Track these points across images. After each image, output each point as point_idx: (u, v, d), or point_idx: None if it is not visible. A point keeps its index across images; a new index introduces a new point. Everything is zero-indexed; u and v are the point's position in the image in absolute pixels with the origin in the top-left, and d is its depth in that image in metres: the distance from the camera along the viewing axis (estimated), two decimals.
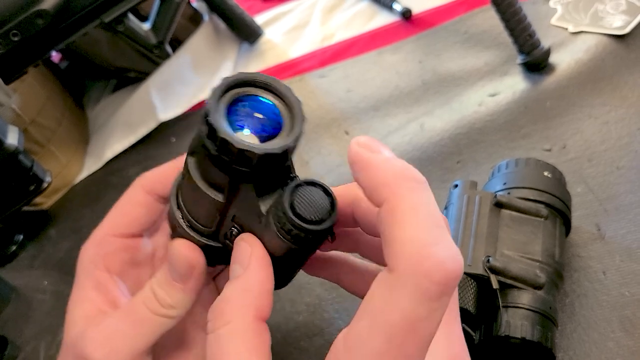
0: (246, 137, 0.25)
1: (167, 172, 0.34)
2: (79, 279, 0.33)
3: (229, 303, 0.26)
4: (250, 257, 0.26)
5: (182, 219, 0.30)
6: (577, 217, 0.44)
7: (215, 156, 0.24)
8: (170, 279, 0.30)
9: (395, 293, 0.21)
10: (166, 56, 0.71)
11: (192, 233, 0.30)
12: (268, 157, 0.24)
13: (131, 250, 0.34)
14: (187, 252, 0.30)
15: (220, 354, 0.25)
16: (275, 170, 0.26)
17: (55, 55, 0.86)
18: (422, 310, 0.21)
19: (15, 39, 0.50)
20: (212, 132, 0.23)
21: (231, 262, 0.27)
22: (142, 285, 0.31)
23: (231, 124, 0.25)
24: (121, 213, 0.34)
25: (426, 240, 0.22)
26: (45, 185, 0.54)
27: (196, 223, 0.29)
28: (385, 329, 0.21)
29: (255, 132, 0.25)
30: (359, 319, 0.22)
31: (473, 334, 0.36)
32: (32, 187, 0.53)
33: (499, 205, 0.40)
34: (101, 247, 0.33)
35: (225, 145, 0.23)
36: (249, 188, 0.26)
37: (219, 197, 0.27)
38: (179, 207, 0.30)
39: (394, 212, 0.23)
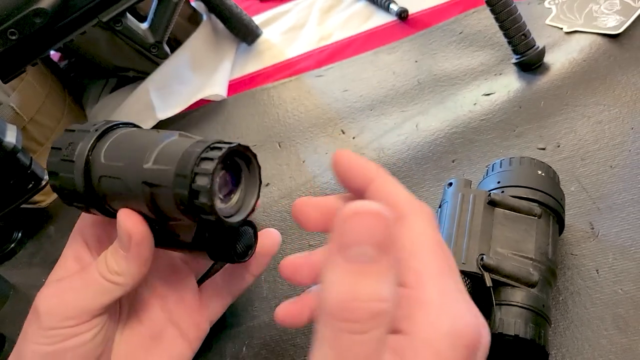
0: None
1: None
2: (65, 250, 0.35)
3: (385, 302, 0.22)
4: (390, 239, 0.23)
5: None
6: (570, 215, 0.44)
7: (192, 209, 0.29)
8: (118, 247, 0.32)
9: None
10: (164, 56, 0.72)
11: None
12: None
13: (103, 225, 0.36)
14: (127, 221, 0.31)
15: None
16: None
17: (54, 54, 0.86)
18: None
19: (13, 37, 0.50)
20: (211, 208, 0.28)
21: (356, 242, 0.22)
22: None
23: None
24: None
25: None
26: (43, 183, 0.54)
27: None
28: None
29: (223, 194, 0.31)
30: None
31: None
32: (30, 185, 0.54)
33: (492, 203, 0.40)
34: (81, 221, 0.36)
35: (212, 215, 0.28)
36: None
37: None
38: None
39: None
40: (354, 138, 0.59)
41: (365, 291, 0.21)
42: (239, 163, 0.31)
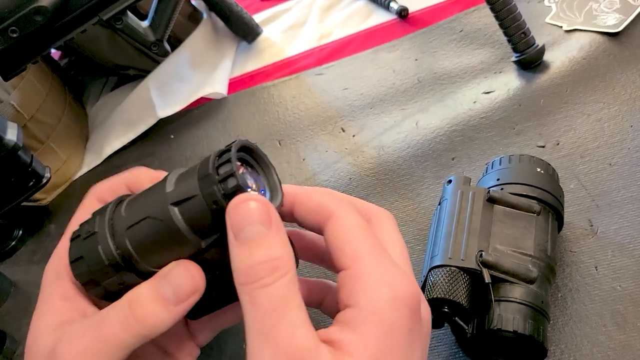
0: None
1: (118, 183, 0.34)
2: (44, 291, 0.32)
3: (281, 258, 0.25)
4: (271, 215, 0.26)
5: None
6: (569, 212, 0.44)
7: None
8: (159, 296, 0.28)
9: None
10: (165, 54, 0.72)
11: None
12: None
13: None
14: (187, 273, 0.28)
15: (285, 304, 0.25)
16: None
17: (55, 52, 0.86)
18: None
19: (14, 35, 0.50)
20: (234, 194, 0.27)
21: (244, 224, 0.26)
22: None
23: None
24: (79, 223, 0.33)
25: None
26: (44, 181, 0.54)
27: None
28: None
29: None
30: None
31: (466, 327, 0.36)
32: (31, 183, 0.54)
33: (491, 200, 0.40)
34: (64, 258, 0.32)
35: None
36: None
37: (201, 243, 0.29)
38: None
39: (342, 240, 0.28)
40: (354, 136, 0.59)
41: (260, 256, 0.25)
42: (248, 160, 0.30)
